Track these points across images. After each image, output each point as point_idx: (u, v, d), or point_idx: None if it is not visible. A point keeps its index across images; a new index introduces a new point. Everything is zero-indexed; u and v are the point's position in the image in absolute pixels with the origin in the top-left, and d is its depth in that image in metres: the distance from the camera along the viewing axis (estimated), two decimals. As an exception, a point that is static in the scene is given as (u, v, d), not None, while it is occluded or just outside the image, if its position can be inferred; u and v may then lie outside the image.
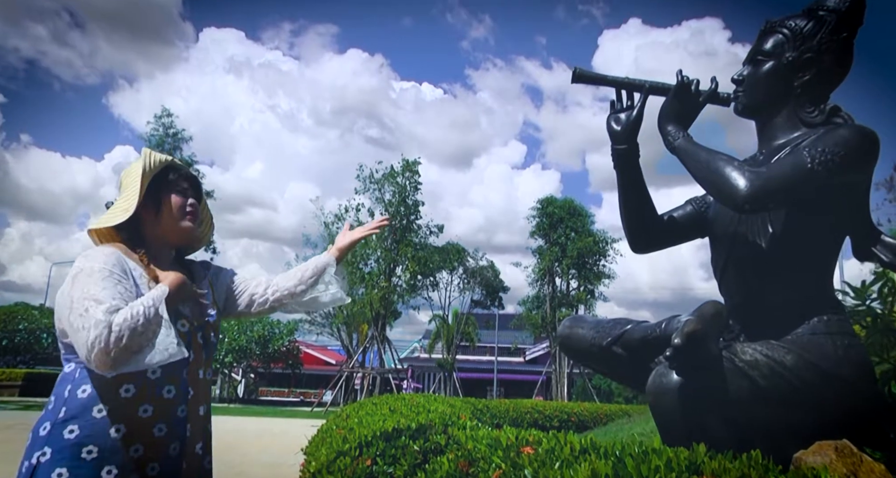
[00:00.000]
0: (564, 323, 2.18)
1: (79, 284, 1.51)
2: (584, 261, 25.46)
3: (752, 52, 2.05)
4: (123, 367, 1.44)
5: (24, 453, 1.56)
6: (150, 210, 1.73)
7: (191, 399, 1.67)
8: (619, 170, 2.15)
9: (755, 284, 1.84)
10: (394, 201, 24.91)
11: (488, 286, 30.73)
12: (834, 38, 1.91)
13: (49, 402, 1.60)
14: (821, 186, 1.67)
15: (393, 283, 25.30)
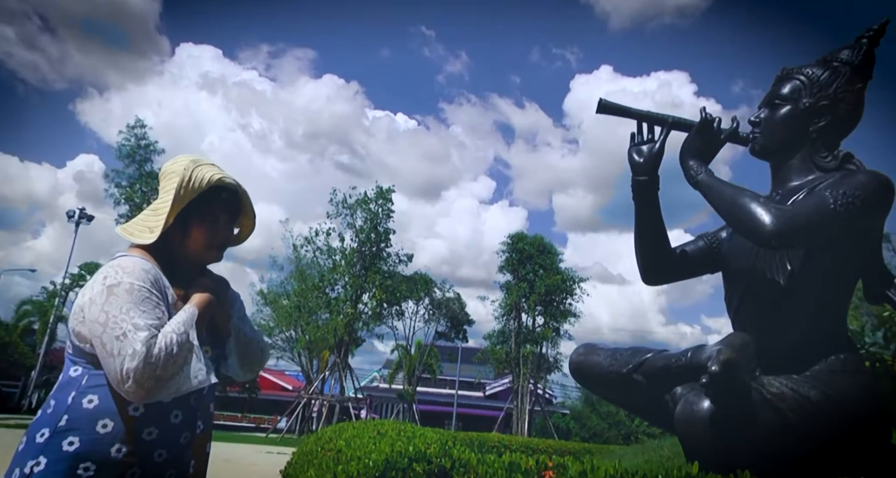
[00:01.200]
0: (578, 350, 2.19)
1: (116, 300, 1.43)
2: (551, 298, 25.61)
3: (769, 95, 2.13)
4: (155, 397, 1.40)
5: (14, 458, 1.46)
6: (176, 231, 1.60)
7: (200, 433, 1.59)
8: (638, 201, 2.19)
9: (773, 320, 1.88)
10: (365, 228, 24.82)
11: (453, 318, 30.62)
12: (849, 88, 1.99)
13: (48, 405, 1.50)
14: (838, 228, 1.72)
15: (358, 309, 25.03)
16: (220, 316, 1.65)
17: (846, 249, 1.83)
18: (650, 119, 2.19)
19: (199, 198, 1.61)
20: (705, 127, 2.06)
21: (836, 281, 1.86)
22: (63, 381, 1.53)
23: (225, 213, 1.68)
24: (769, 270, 1.92)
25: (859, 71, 2.01)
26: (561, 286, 25.45)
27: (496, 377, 37.16)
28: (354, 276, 24.64)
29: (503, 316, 26.53)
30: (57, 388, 1.54)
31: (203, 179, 1.60)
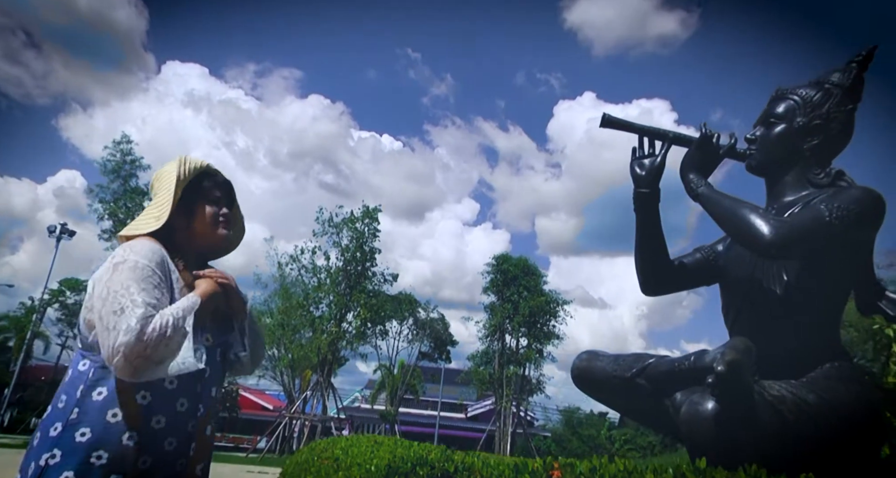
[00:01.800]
0: (581, 356, 2.24)
1: (119, 275, 1.48)
2: (535, 320, 25.67)
3: (764, 114, 2.23)
4: (143, 376, 1.42)
5: (28, 453, 1.50)
6: (182, 218, 1.69)
7: (201, 416, 1.63)
8: (640, 212, 2.26)
9: (770, 329, 1.95)
10: (351, 246, 24.78)
11: (437, 339, 30.55)
12: (840, 109, 2.10)
13: (58, 400, 1.53)
14: (833, 240, 1.80)
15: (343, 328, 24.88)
16: (236, 302, 1.70)
17: (840, 261, 1.91)
18: (652, 134, 2.28)
19: (196, 181, 1.73)
20: (705, 142, 2.15)
21: (830, 292, 1.94)
22: (72, 375, 1.56)
23: (222, 192, 1.78)
24: (766, 280, 1.99)
25: (850, 93, 2.11)
26: (545, 308, 25.55)
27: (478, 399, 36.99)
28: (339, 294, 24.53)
29: (487, 337, 26.54)
30: (66, 383, 1.57)
31: (197, 164, 1.75)
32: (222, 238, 1.77)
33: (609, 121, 2.29)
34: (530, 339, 26.00)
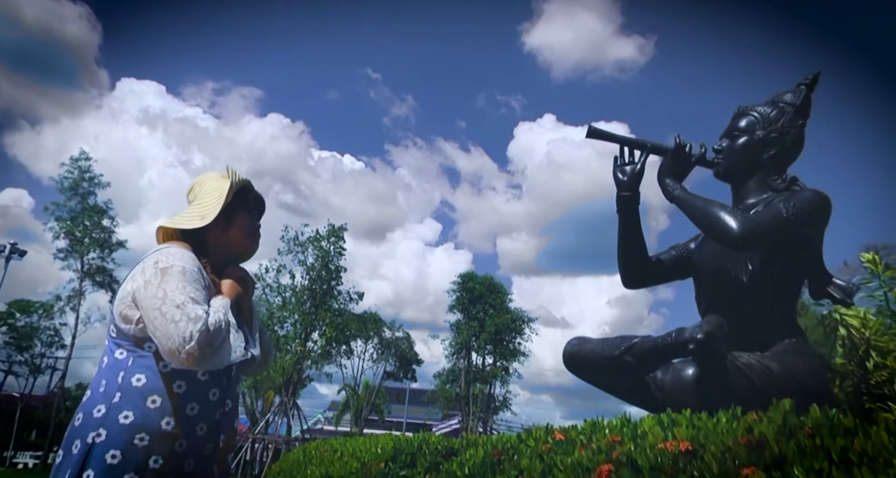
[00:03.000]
0: (571, 342, 2.50)
1: (171, 279, 1.62)
2: (500, 337, 25.94)
3: (729, 128, 2.56)
4: (204, 364, 1.56)
5: (70, 432, 1.62)
6: (220, 223, 1.83)
7: (228, 409, 1.78)
8: (622, 214, 2.55)
9: (738, 311, 2.24)
10: (316, 265, 24.71)
11: (402, 358, 30.51)
12: (793, 124, 2.44)
13: (98, 385, 1.66)
14: (791, 233, 2.12)
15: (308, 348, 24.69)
16: (246, 302, 1.87)
17: (796, 253, 2.23)
18: (632, 144, 2.58)
19: (240, 192, 1.90)
20: (679, 152, 2.46)
21: (788, 279, 2.25)
22: (109, 362, 1.68)
23: (257, 207, 1.97)
24: (734, 270, 2.30)
25: (800, 110, 2.47)
26: (511, 325, 25.84)
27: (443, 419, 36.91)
28: (304, 313, 24.37)
29: (453, 355, 26.64)
30: (104, 369, 1.69)
31: (243, 176, 1.93)
32: (251, 248, 1.94)
33: (594, 132, 2.58)
34: (496, 356, 26.24)
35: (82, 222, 24.82)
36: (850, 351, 2.48)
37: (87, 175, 25.26)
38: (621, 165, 2.58)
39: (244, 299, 1.86)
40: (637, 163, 2.55)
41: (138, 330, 1.65)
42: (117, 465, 1.55)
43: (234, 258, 1.95)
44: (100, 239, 24.97)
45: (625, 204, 2.54)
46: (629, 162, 2.58)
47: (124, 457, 1.54)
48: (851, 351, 2.48)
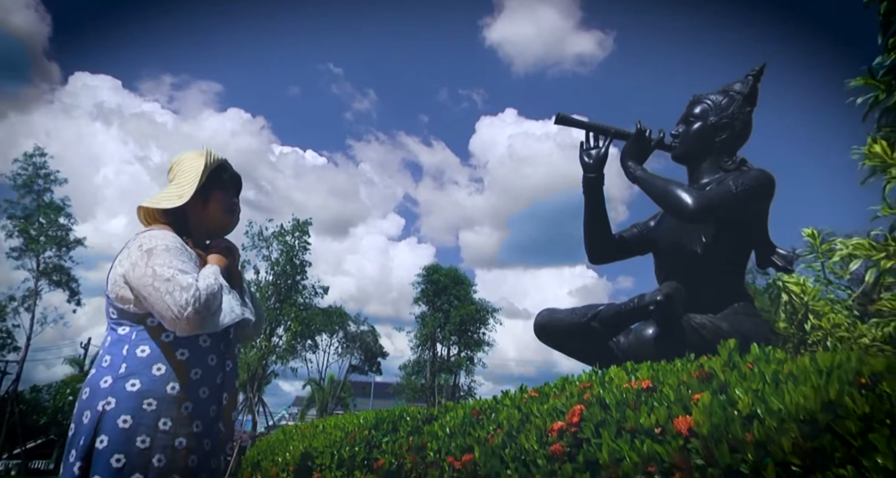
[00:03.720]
0: (542, 312, 2.70)
1: (157, 257, 1.72)
2: (465, 328, 26.22)
3: (684, 115, 2.78)
4: (205, 327, 1.68)
5: (80, 404, 1.71)
6: (198, 201, 1.92)
7: (229, 372, 1.94)
8: (588, 194, 2.75)
9: (693, 279, 2.46)
10: (281, 260, 24.54)
11: (368, 351, 30.55)
12: (741, 110, 2.67)
13: (103, 360, 1.76)
14: (740, 207, 2.34)
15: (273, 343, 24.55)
16: (235, 269, 2.00)
17: (744, 226, 2.46)
18: (597, 129, 2.78)
19: (216, 171, 2.00)
20: (639, 136, 2.67)
21: (737, 249, 2.48)
22: (113, 339, 1.80)
23: (234, 184, 2.08)
24: (689, 243, 2.52)
25: (748, 99, 2.70)
26: (475, 316, 26.14)
27: (410, 411, 37.03)
28: (269, 309, 24.21)
29: (418, 346, 26.83)
30: (108, 346, 1.81)
31: (219, 156, 2.03)
32: (231, 223, 2.06)
33: (563, 119, 2.77)
34: (461, 347, 26.52)
35: (37, 220, 24.11)
36: (792, 315, 2.75)
37: (42, 171, 24.53)
38: (587, 149, 2.78)
39: (232, 267, 1.99)
40: (601, 147, 2.75)
41: (136, 308, 1.78)
42: (129, 428, 1.65)
43: (214, 234, 2.04)
44: (56, 237, 24.29)
45: (590, 184, 2.74)
46: (594, 146, 2.78)
47: (135, 421, 1.63)
48: (792, 315, 2.75)
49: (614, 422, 1.41)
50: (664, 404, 1.32)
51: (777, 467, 0.99)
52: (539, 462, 1.54)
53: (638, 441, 1.28)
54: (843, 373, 1.10)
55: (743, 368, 1.34)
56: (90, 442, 1.64)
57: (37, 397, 31.25)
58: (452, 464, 1.96)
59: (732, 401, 1.20)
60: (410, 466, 2.22)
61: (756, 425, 1.08)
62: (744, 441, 1.08)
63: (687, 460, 1.16)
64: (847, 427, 0.93)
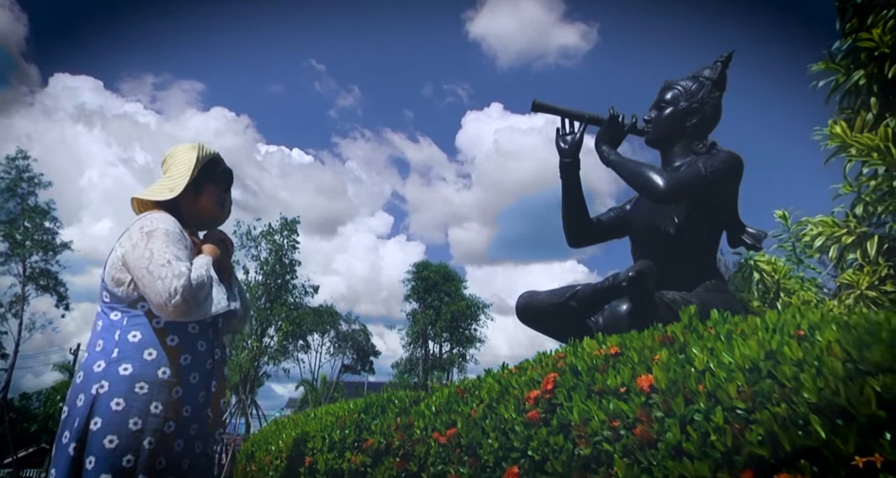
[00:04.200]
0: (523, 295, 2.78)
1: (156, 241, 1.80)
2: (456, 324, 26.34)
3: (657, 100, 2.88)
4: (191, 315, 1.75)
5: (74, 388, 1.79)
6: (190, 193, 2.02)
7: (218, 359, 2.01)
8: (565, 179, 2.84)
9: (667, 258, 2.56)
10: (270, 260, 24.53)
11: (360, 350, 30.60)
12: (711, 96, 2.77)
13: (94, 345, 1.83)
14: (710, 188, 2.44)
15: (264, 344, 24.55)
16: (226, 260, 2.08)
17: (714, 206, 2.56)
18: (572, 115, 2.86)
19: (209, 164, 2.08)
20: (613, 121, 2.76)
21: (709, 229, 2.58)
22: (105, 324, 1.87)
23: (225, 178, 2.16)
24: (663, 224, 2.62)
25: (717, 84, 2.80)
26: (466, 312, 26.27)
27: (403, 409, 37.09)
28: (259, 309, 24.20)
29: (411, 344, 26.93)
30: (99, 331, 1.88)
31: (211, 150, 2.10)
32: (222, 216, 2.14)
33: (538, 106, 2.86)
34: (453, 343, 26.64)
35: (22, 224, 23.96)
36: (764, 294, 2.85)
37: (25, 175, 24.36)
38: (563, 134, 2.87)
39: (224, 259, 2.06)
40: (577, 133, 2.84)
41: (130, 291, 1.84)
42: (122, 411, 1.73)
43: (205, 226, 2.13)
44: (42, 241, 24.16)
45: (567, 169, 2.83)
46: (570, 132, 2.86)
47: (127, 403, 1.71)
48: (765, 294, 2.85)
49: (585, 386, 1.50)
50: (629, 366, 1.41)
51: (725, 411, 1.08)
52: (517, 429, 1.62)
53: (605, 401, 1.37)
54: (786, 327, 1.20)
55: (701, 330, 1.43)
56: (84, 424, 1.71)
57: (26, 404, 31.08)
58: (438, 439, 2.04)
59: (690, 358, 1.29)
60: (398, 444, 2.30)
61: (707, 376, 1.17)
62: (697, 392, 1.17)
63: (648, 413, 1.24)
64: (783, 371, 1.02)
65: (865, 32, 2.45)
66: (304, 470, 2.79)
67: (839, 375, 0.95)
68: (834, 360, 0.98)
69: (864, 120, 2.52)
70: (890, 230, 2.51)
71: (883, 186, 2.38)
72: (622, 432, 1.28)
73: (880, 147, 2.26)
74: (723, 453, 1.04)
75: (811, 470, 0.90)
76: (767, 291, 2.83)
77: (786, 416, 0.98)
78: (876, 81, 2.46)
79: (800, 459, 0.93)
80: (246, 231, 24.48)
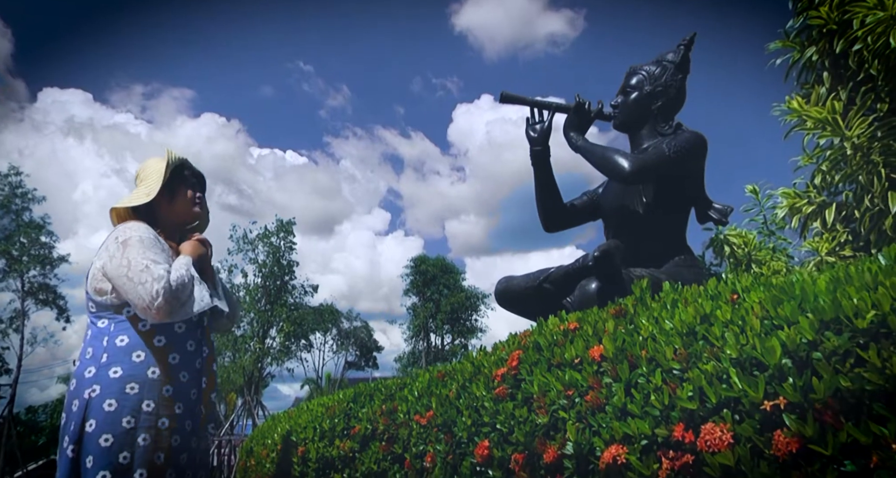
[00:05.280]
0: (500, 281, 2.86)
1: (132, 249, 1.85)
2: (457, 316, 26.48)
3: (622, 86, 2.95)
4: (175, 315, 1.81)
5: (69, 394, 1.87)
6: (165, 197, 2.09)
7: (206, 356, 2.09)
8: (536, 166, 2.92)
9: (636, 237, 2.64)
10: (268, 262, 24.60)
11: (362, 347, 30.73)
12: (674, 78, 2.84)
13: (86, 353, 1.90)
14: (674, 167, 2.51)
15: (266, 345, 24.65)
16: (205, 261, 2.13)
17: (680, 184, 2.64)
18: (540, 105, 2.94)
19: (179, 169, 2.15)
20: (579, 108, 2.83)
21: (676, 207, 2.66)
22: (93, 333, 1.94)
23: (197, 180, 2.23)
24: (631, 204, 2.70)
25: (680, 67, 2.87)
26: (465, 303, 26.39)
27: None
28: (260, 311, 24.29)
29: (412, 338, 27.06)
30: (89, 339, 1.95)
31: (179, 155, 2.18)
32: (198, 215, 2.19)
33: (506, 97, 2.93)
34: (454, 335, 26.79)
35: (18, 240, 23.98)
36: (736, 267, 2.93)
37: (18, 190, 24.36)
38: (532, 124, 2.94)
39: (204, 259, 2.13)
40: (545, 121, 2.91)
41: (114, 298, 1.91)
42: (114, 411, 1.80)
43: (184, 226, 2.20)
44: (39, 256, 24.19)
45: (537, 157, 2.90)
46: (539, 121, 2.94)
47: (119, 404, 1.78)
48: (737, 267, 2.93)
49: (545, 360, 1.58)
50: (583, 339, 1.49)
51: (663, 373, 1.16)
52: (487, 405, 1.70)
53: (561, 372, 1.45)
54: (723, 293, 1.28)
55: (650, 301, 1.51)
56: (80, 427, 1.79)
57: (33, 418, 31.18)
58: (419, 421, 2.13)
59: (637, 327, 1.37)
60: (383, 428, 2.38)
61: (650, 342, 1.25)
62: (640, 357, 1.25)
63: (599, 381, 1.33)
64: (714, 332, 1.10)
65: (814, 10, 2.53)
66: (297, 460, 2.87)
67: (756, 330, 1.03)
68: (754, 318, 1.06)
69: (818, 94, 2.60)
70: (847, 198, 2.58)
71: (837, 155, 2.46)
72: (576, 399, 1.36)
73: (829, 120, 2.34)
74: (660, 410, 1.12)
75: (732, 418, 0.98)
76: (739, 264, 2.91)
77: (713, 372, 1.06)
78: (827, 56, 2.54)
79: (723, 409, 1.01)
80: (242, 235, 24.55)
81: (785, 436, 0.86)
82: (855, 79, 2.44)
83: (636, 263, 2.57)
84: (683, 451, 1.04)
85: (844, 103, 2.42)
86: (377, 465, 2.27)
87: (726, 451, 0.94)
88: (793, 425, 0.86)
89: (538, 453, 1.38)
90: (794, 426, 0.86)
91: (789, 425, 0.86)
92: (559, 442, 1.34)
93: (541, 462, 1.37)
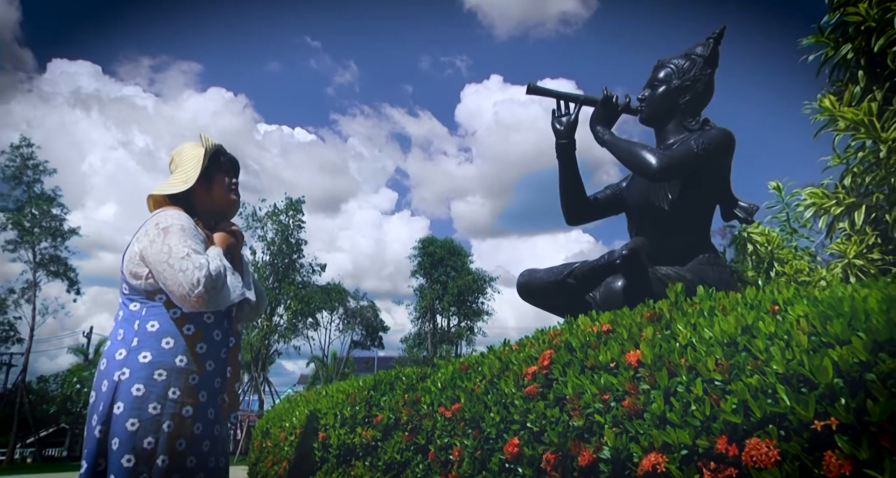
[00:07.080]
0: (523, 273, 2.88)
1: (173, 236, 1.87)
2: (463, 298, 26.57)
3: (650, 80, 2.92)
4: (211, 304, 1.83)
5: (98, 375, 1.90)
6: (202, 184, 2.10)
7: (233, 346, 2.11)
8: (561, 159, 2.91)
9: (662, 234, 2.64)
10: (276, 240, 24.70)
11: (368, 326, 30.92)
12: (703, 73, 2.81)
13: (117, 334, 1.93)
14: (702, 165, 2.50)
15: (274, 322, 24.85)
16: (237, 251, 2.16)
17: (707, 182, 2.63)
18: (567, 97, 2.92)
19: (215, 155, 2.16)
20: (607, 102, 2.81)
21: (701, 204, 2.65)
22: (125, 315, 1.97)
23: (232, 167, 2.24)
24: (657, 200, 2.69)
25: (709, 61, 2.83)
26: (472, 286, 26.46)
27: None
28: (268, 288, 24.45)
29: (419, 319, 27.21)
30: (121, 321, 1.98)
31: (216, 142, 2.19)
32: (234, 202, 2.21)
33: (533, 89, 2.92)
34: (460, 317, 26.91)
35: (30, 211, 24.15)
36: (758, 265, 2.93)
37: (30, 162, 24.46)
38: (558, 116, 2.93)
39: (235, 249, 2.15)
40: (571, 114, 2.90)
41: (149, 284, 1.93)
42: (142, 396, 1.84)
43: (220, 214, 2.20)
44: (50, 228, 24.37)
45: (563, 150, 2.89)
46: (565, 113, 2.92)
47: (147, 389, 1.82)
48: (759, 264, 2.93)
49: (578, 361, 1.59)
50: (619, 342, 1.50)
51: (704, 383, 1.17)
52: (517, 402, 1.72)
53: (596, 375, 1.46)
54: (762, 303, 1.28)
55: (685, 307, 1.51)
56: (108, 408, 1.83)
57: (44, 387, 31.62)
58: (443, 413, 2.15)
59: (675, 334, 1.38)
60: (406, 418, 2.41)
61: (689, 351, 1.26)
62: (680, 366, 1.26)
63: (636, 386, 1.34)
64: (757, 345, 1.11)
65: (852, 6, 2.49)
66: (317, 445, 2.92)
67: (804, 347, 1.04)
68: (800, 333, 1.07)
69: (852, 93, 2.57)
70: (877, 200, 2.57)
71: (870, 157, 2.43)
72: (612, 404, 1.37)
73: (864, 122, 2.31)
74: (701, 421, 1.13)
75: (778, 434, 0.99)
76: (761, 262, 2.91)
77: (757, 386, 1.06)
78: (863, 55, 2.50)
79: (768, 424, 1.02)
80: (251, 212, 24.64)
81: (837, 458, 0.87)
82: (892, 79, 2.41)
83: (660, 260, 2.57)
84: (727, 464, 1.05)
85: (880, 104, 2.39)
86: (400, 455, 2.31)
87: (773, 468, 0.95)
88: (845, 447, 0.87)
89: (572, 455, 1.40)
90: (846, 448, 0.87)
91: (841, 447, 0.87)
92: (595, 445, 1.36)
93: (574, 464, 1.39)
